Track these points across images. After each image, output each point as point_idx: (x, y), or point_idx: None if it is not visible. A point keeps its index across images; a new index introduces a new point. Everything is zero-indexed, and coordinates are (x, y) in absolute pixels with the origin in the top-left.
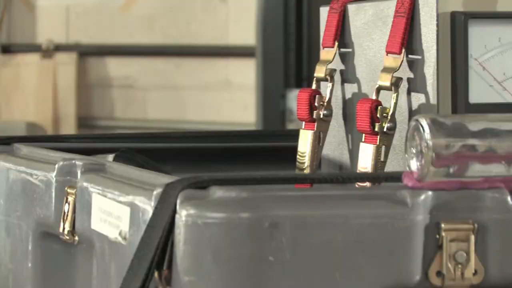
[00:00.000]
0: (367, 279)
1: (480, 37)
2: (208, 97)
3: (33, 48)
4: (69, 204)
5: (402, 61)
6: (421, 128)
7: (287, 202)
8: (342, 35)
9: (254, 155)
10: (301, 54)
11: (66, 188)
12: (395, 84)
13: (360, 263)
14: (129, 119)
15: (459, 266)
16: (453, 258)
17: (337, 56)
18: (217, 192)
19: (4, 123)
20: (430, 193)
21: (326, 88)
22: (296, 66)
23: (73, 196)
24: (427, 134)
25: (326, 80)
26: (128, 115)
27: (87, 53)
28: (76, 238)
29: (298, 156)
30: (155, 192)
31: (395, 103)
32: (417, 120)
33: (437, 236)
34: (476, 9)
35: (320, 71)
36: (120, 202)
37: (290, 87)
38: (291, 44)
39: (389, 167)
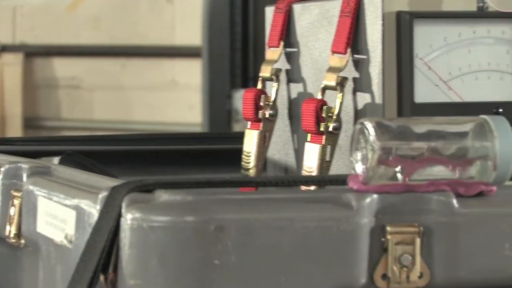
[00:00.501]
0: (312, 282)
1: (425, 36)
2: (154, 98)
3: None
4: (15, 207)
5: (347, 60)
6: (366, 131)
7: (233, 205)
8: (287, 35)
9: (200, 158)
10: (247, 54)
11: (11, 191)
12: (341, 83)
13: (305, 267)
14: (75, 120)
15: (405, 269)
16: (399, 261)
17: (283, 56)
18: (163, 196)
19: None
20: (375, 196)
21: (271, 88)
22: (242, 66)
23: (19, 199)
24: (372, 137)
25: (271, 79)
26: (74, 115)
27: (33, 53)
28: (22, 241)
29: (243, 156)
30: (100, 196)
31: (341, 103)
32: (362, 123)
33: (383, 239)
34: (422, 9)
35: (265, 71)
36: (65, 205)
37: (236, 87)
38: (237, 44)
39: (335, 167)
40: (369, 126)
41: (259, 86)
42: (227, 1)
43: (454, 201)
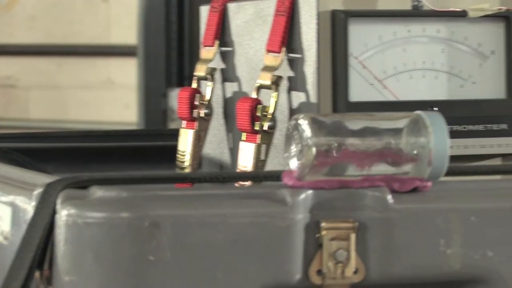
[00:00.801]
0: (248, 278)
1: (360, 35)
2: (90, 97)
3: None
4: None
5: (282, 59)
6: (300, 128)
7: (168, 201)
8: (222, 34)
9: (135, 155)
10: (183, 53)
11: None
12: (275, 82)
13: (241, 262)
14: (11, 119)
15: (340, 264)
16: (333, 257)
17: (218, 55)
18: (98, 192)
19: None
20: (310, 192)
21: (206, 87)
22: (178, 65)
23: None
24: (306, 133)
25: (206, 79)
26: (10, 114)
27: None
28: None
29: (178, 155)
30: (35, 192)
31: (276, 102)
32: (296, 120)
33: (318, 235)
34: (357, 8)
35: (200, 70)
36: (1, 202)
37: (172, 86)
38: (172, 43)
39: (270, 166)
40: (304, 122)
41: (194, 85)
42: (163, 0)
43: (389, 197)
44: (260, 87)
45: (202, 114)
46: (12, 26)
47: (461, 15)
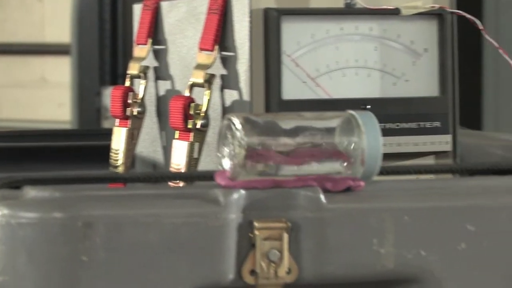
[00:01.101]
0: (181, 278)
1: (293, 33)
2: (23, 95)
3: None
4: None
5: (215, 58)
6: (233, 127)
7: (101, 201)
8: (155, 32)
9: (69, 154)
10: (117, 51)
11: None
12: (208, 81)
13: (174, 263)
14: None
15: (273, 264)
16: (266, 256)
17: (151, 53)
18: (31, 192)
19: None
20: (243, 192)
21: (140, 85)
22: (111, 63)
23: None
24: (239, 133)
25: (139, 77)
26: None
27: None
28: None
29: (111, 154)
30: None
31: (208, 100)
32: (229, 119)
33: (251, 235)
34: (289, 6)
35: (133, 68)
36: None
37: (105, 85)
38: (106, 41)
39: (203, 164)
40: (237, 122)
41: (127, 83)
42: None
43: (322, 197)
44: (193, 85)
45: (135, 113)
46: None
47: (394, 13)
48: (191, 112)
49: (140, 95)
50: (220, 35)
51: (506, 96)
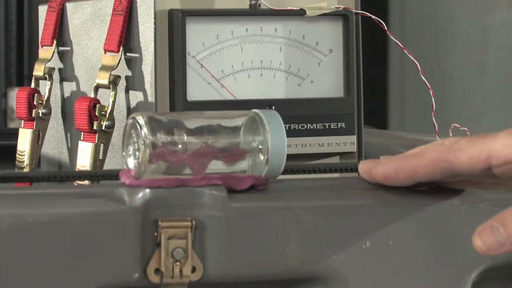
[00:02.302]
0: (86, 278)
1: (198, 34)
2: None
3: None
4: None
5: (120, 59)
6: (137, 126)
7: (5, 201)
8: (60, 34)
9: None
10: (22, 53)
11: None
12: (113, 82)
13: (79, 262)
14: None
15: (178, 263)
16: (171, 255)
17: (56, 55)
18: None
19: None
20: (147, 190)
21: (45, 87)
22: (17, 64)
23: None
24: (143, 131)
25: (45, 78)
26: None
27: None
28: None
29: (17, 155)
30: None
31: (113, 101)
32: (133, 118)
33: (155, 234)
34: (194, 7)
35: (39, 70)
36: None
37: (11, 86)
38: (12, 43)
39: (108, 165)
40: (141, 121)
41: (33, 85)
42: (2, 0)
43: (226, 195)
44: (98, 87)
45: (40, 114)
46: None
47: (299, 14)
48: (96, 113)
49: (46, 97)
50: (125, 36)
51: (411, 96)
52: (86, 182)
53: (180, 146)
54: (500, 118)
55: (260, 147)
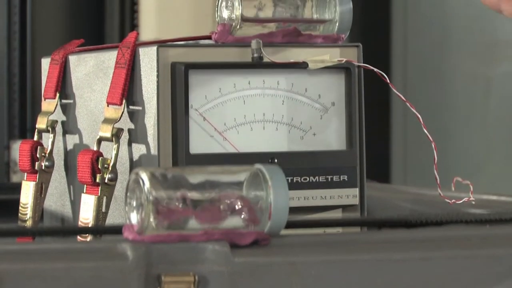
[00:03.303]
0: None
1: (200, 87)
2: None
3: None
4: None
5: (122, 112)
6: (141, 181)
7: (9, 256)
8: (63, 86)
9: None
10: (25, 105)
11: None
12: (116, 135)
13: None
14: None
15: None
16: None
17: (59, 107)
18: None
19: None
20: (150, 246)
21: (48, 139)
22: (20, 117)
23: None
24: (146, 187)
25: (48, 131)
26: None
27: None
28: None
29: (20, 208)
30: None
31: (116, 154)
32: (137, 173)
33: None
34: (197, 60)
35: (41, 122)
36: None
37: (14, 138)
38: (15, 95)
39: (111, 218)
40: (144, 176)
41: (36, 137)
42: (5, 52)
43: (228, 251)
44: (100, 140)
45: (43, 167)
46: None
47: (301, 66)
48: (99, 166)
49: (48, 149)
50: (128, 89)
51: (414, 149)
52: (89, 237)
53: (183, 201)
54: (504, 170)
55: (263, 202)
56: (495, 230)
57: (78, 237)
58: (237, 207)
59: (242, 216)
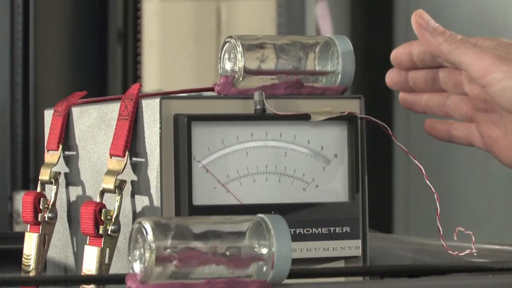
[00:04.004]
0: None
1: (203, 139)
2: None
3: None
4: None
5: (125, 164)
6: (143, 231)
7: None
8: (66, 138)
9: None
10: (28, 156)
11: None
12: (119, 186)
13: None
14: None
15: None
16: None
17: (62, 159)
18: None
19: None
20: None
21: (51, 191)
22: (22, 168)
23: None
24: (149, 236)
25: (51, 183)
26: None
27: None
28: None
29: (23, 259)
30: None
31: (119, 206)
32: (139, 223)
33: None
34: (200, 112)
35: (44, 174)
36: None
37: (17, 189)
38: (18, 146)
39: (114, 269)
40: (147, 225)
41: (39, 189)
42: (8, 103)
43: None
44: (103, 191)
45: (46, 218)
46: None
47: (304, 118)
48: (102, 217)
49: (52, 201)
50: (131, 141)
51: (416, 199)
52: (92, 286)
53: (185, 251)
54: (505, 221)
55: (266, 252)
56: (498, 279)
57: (82, 286)
58: (240, 257)
59: (245, 266)
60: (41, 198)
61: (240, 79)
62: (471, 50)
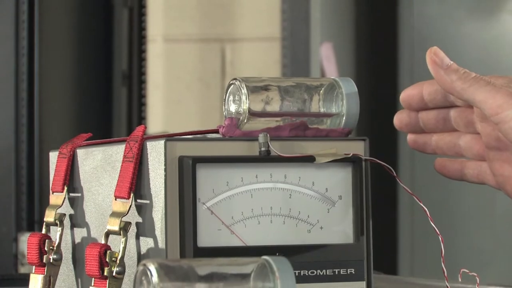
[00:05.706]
0: None
1: (208, 181)
2: None
3: None
4: None
5: (130, 205)
6: (148, 272)
7: None
8: (71, 180)
9: None
10: (33, 197)
11: None
12: (124, 228)
13: None
14: None
15: None
16: None
17: (67, 201)
18: None
19: None
20: None
21: (56, 233)
22: (27, 209)
23: None
24: (154, 278)
25: (56, 224)
26: None
27: None
28: None
29: None
30: None
31: (124, 248)
32: (144, 265)
33: None
34: (205, 154)
35: (49, 216)
36: None
37: (22, 231)
38: (22, 188)
39: None
40: (152, 267)
41: (44, 230)
42: (13, 144)
43: None
44: (108, 233)
45: (51, 260)
46: None
47: (308, 160)
48: (107, 259)
49: (56, 243)
50: (136, 183)
51: (421, 241)
52: None
53: None
54: (510, 263)
55: None
56: None
57: None
58: None
59: None
60: (46, 240)
61: (245, 121)
62: (485, 88)
